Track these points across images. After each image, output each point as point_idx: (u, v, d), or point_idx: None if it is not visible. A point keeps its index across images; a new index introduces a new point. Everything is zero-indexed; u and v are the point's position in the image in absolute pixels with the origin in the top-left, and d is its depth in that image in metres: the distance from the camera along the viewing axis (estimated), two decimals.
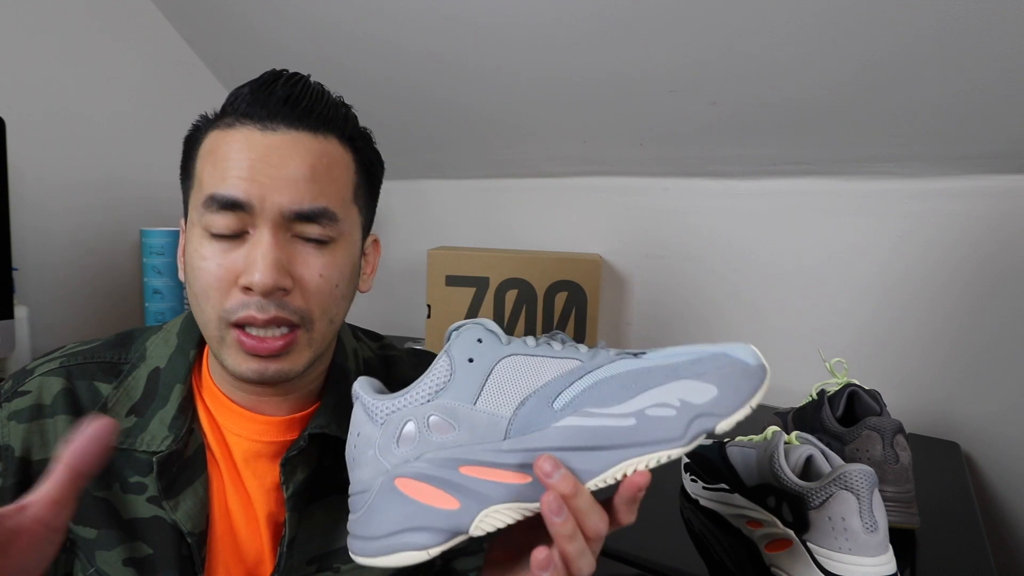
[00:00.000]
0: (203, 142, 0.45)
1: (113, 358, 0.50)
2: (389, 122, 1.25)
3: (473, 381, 0.35)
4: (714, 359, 0.34)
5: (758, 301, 1.06)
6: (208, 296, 0.43)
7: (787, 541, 0.51)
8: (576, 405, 0.34)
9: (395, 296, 1.45)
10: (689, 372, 0.34)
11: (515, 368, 0.36)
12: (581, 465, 0.33)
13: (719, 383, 0.34)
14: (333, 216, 0.44)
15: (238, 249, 0.42)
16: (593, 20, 0.88)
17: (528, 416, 0.34)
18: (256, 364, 0.43)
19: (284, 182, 0.42)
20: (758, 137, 0.97)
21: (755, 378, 0.34)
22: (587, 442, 0.33)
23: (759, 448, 0.57)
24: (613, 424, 0.33)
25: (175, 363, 0.49)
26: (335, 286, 0.45)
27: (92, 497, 0.45)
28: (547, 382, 0.35)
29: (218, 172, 0.42)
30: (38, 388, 0.47)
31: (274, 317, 0.42)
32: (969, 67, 0.75)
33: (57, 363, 0.48)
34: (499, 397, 0.35)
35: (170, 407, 0.47)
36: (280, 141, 0.43)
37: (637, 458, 0.33)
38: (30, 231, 1.06)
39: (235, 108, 0.44)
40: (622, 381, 0.34)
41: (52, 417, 0.46)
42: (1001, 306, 0.88)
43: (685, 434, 0.33)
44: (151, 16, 1.22)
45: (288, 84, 0.44)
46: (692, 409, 0.33)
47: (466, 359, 0.36)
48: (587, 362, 0.36)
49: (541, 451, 0.33)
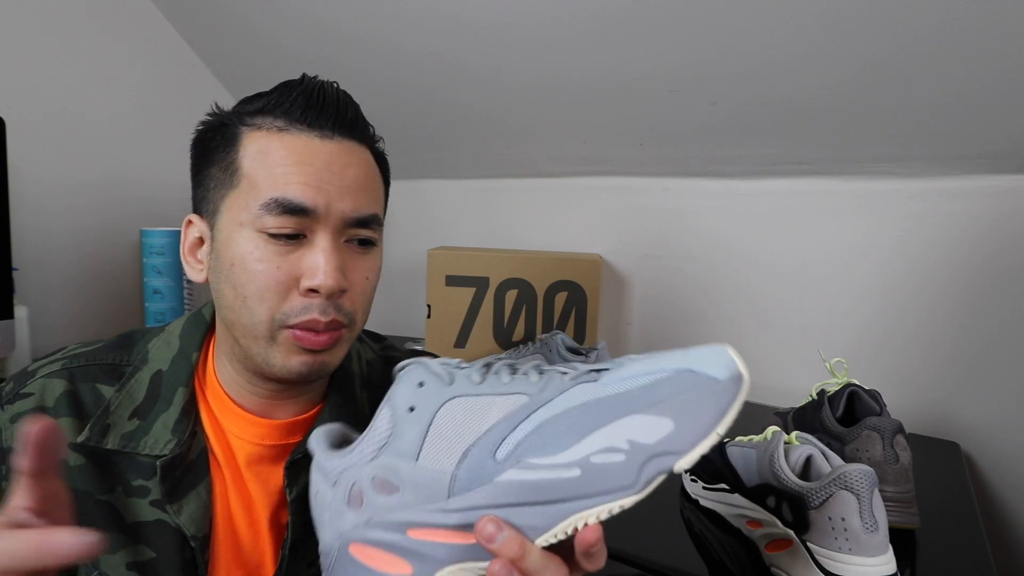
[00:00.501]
0: (244, 141, 0.44)
1: (115, 360, 0.50)
2: (389, 122, 1.24)
3: (414, 433, 0.33)
4: (676, 380, 0.31)
5: (758, 301, 1.06)
6: (263, 298, 0.43)
7: (787, 541, 0.51)
8: (518, 455, 0.31)
9: (395, 296, 1.45)
10: (642, 403, 0.31)
11: (458, 413, 0.33)
12: (527, 521, 0.31)
13: (675, 414, 0.30)
14: (380, 221, 0.47)
15: (296, 251, 0.43)
16: (593, 20, 0.88)
17: (471, 470, 0.32)
18: (306, 357, 0.44)
19: (346, 190, 0.44)
20: (758, 137, 0.97)
21: (723, 397, 0.30)
22: (531, 497, 0.31)
23: (759, 448, 0.57)
24: (556, 476, 0.30)
25: (178, 366, 0.49)
26: (373, 287, 0.48)
27: (95, 501, 0.45)
28: (491, 427, 0.32)
29: (279, 175, 0.42)
30: (40, 390, 0.47)
31: (333, 320, 0.43)
32: (969, 67, 0.75)
33: (59, 365, 0.48)
34: (441, 449, 0.32)
35: (173, 410, 0.47)
36: (338, 150, 0.45)
37: (586, 511, 0.30)
38: (30, 231, 1.06)
39: (286, 112, 0.44)
40: (567, 421, 0.31)
41: (55, 419, 0.46)
42: (1001, 306, 0.88)
43: (638, 480, 0.30)
44: (151, 16, 1.22)
45: (333, 93, 0.46)
46: (644, 451, 0.30)
47: (407, 408, 0.34)
48: (535, 396, 0.33)
49: (485, 509, 0.31)
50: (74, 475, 0.45)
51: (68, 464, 0.45)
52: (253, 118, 0.45)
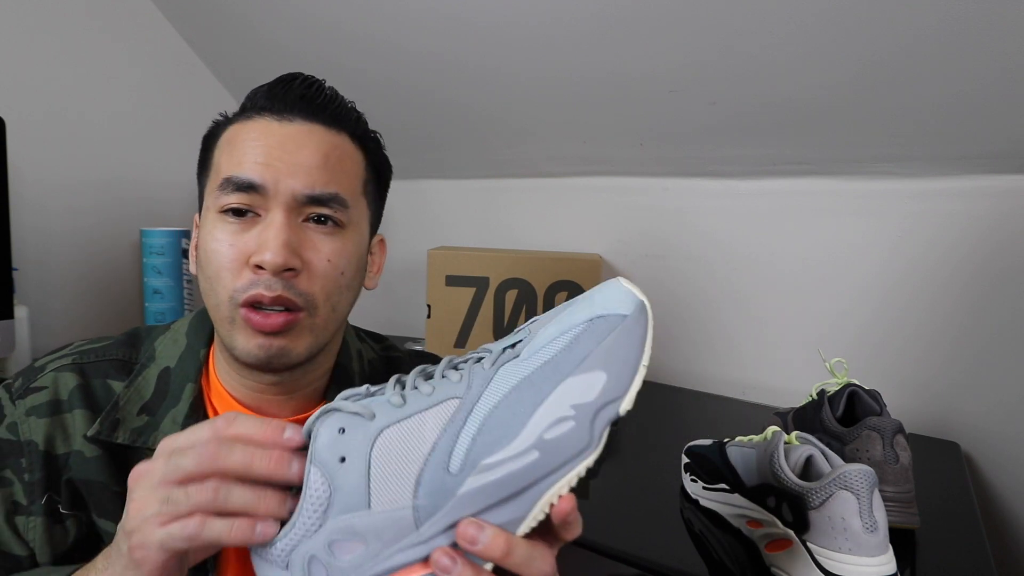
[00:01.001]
0: (221, 136, 0.47)
1: (124, 356, 0.50)
2: (389, 122, 1.24)
3: (355, 482, 0.30)
4: (591, 331, 0.32)
5: (758, 301, 1.06)
6: (220, 277, 0.44)
7: (787, 541, 0.51)
8: (472, 461, 0.30)
9: (395, 296, 1.45)
10: (571, 365, 0.31)
11: (394, 445, 0.31)
12: (504, 518, 0.30)
13: (604, 364, 0.31)
14: (343, 202, 0.46)
15: (250, 231, 0.44)
16: (593, 20, 0.88)
17: (430, 495, 0.30)
18: (262, 339, 0.44)
19: (298, 167, 0.44)
20: (758, 137, 0.97)
21: (637, 331, 0.31)
22: (500, 495, 0.30)
23: (759, 448, 0.57)
24: (517, 466, 0.30)
25: (186, 362, 0.49)
26: (341, 273, 0.46)
27: (112, 492, 0.46)
28: (433, 444, 0.31)
29: (235, 158, 0.44)
30: (53, 383, 0.47)
31: (279, 296, 0.43)
32: (969, 67, 0.75)
33: (69, 360, 0.49)
34: (391, 487, 0.30)
35: (182, 406, 0.47)
36: (296, 131, 0.45)
37: (556, 485, 0.30)
38: (30, 231, 1.06)
39: (253, 103, 0.46)
40: (508, 410, 0.31)
41: (70, 412, 0.47)
42: (1001, 306, 0.88)
43: (592, 437, 0.31)
44: (151, 16, 1.22)
45: (305, 83, 0.47)
46: (589, 408, 0.31)
47: (337, 460, 0.31)
48: (465, 396, 0.32)
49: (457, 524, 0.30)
50: (91, 466, 0.46)
51: (84, 455, 0.46)
52: (235, 116, 0.48)
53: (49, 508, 0.45)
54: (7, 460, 0.45)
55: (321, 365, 0.51)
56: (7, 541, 0.44)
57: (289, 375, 0.47)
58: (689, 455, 0.68)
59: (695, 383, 1.12)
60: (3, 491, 0.45)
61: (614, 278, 0.34)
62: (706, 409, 1.00)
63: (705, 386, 1.11)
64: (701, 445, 0.67)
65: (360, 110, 0.52)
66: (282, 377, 0.47)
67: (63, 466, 0.46)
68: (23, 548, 0.44)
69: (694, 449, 0.68)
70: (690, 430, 0.88)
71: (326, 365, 0.52)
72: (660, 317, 1.16)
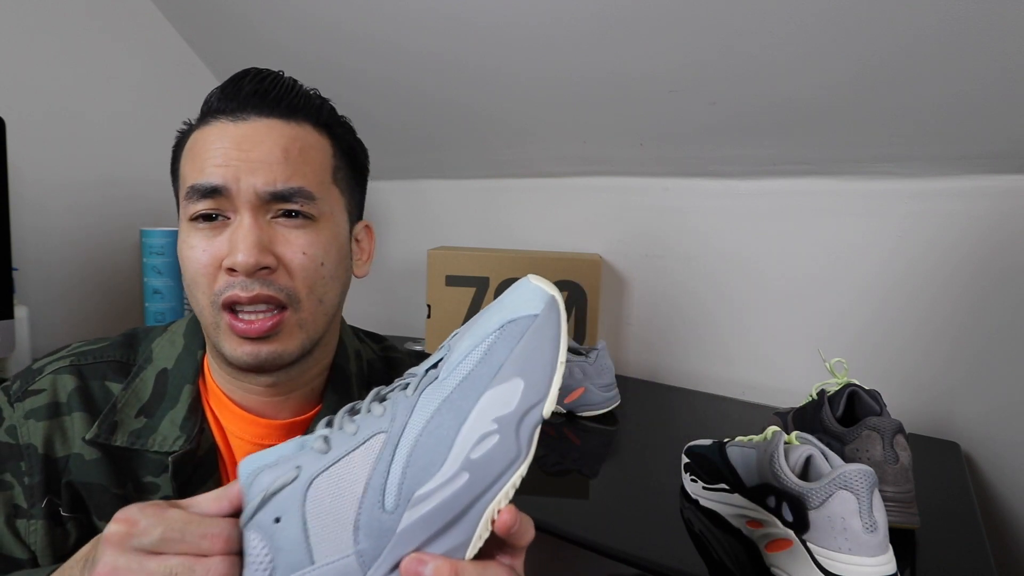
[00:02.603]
0: (184, 146, 0.48)
1: (122, 358, 0.50)
2: (389, 122, 1.25)
3: (294, 540, 0.30)
4: (503, 339, 0.31)
5: (758, 301, 1.06)
6: (198, 283, 0.44)
7: (787, 541, 0.51)
8: (406, 494, 0.30)
9: (395, 296, 1.45)
10: (486, 378, 0.31)
11: (325, 494, 0.30)
12: (449, 545, 0.30)
13: (519, 371, 0.31)
14: (309, 195, 0.45)
15: (222, 234, 0.44)
16: (593, 20, 0.88)
17: (371, 537, 0.30)
18: (250, 347, 0.43)
19: (257, 164, 0.44)
20: (758, 137, 0.97)
21: (549, 328, 0.31)
22: (440, 523, 0.30)
23: (759, 448, 0.57)
24: (450, 492, 0.30)
25: (183, 364, 0.49)
26: (320, 264, 0.46)
27: (112, 494, 0.46)
28: (365, 485, 0.30)
29: (196, 165, 0.45)
30: (51, 386, 0.47)
31: (257, 295, 0.43)
32: (969, 67, 0.75)
33: (67, 361, 0.49)
34: (332, 537, 0.30)
35: (180, 407, 0.47)
36: (251, 128, 0.45)
37: (493, 502, 0.30)
38: (30, 231, 1.06)
39: (209, 107, 0.46)
40: (432, 436, 0.30)
41: (69, 415, 0.47)
42: (1001, 306, 0.88)
43: (519, 446, 0.30)
44: (151, 16, 1.23)
45: (256, 79, 0.46)
46: (511, 419, 0.30)
47: (272, 520, 0.30)
48: (390, 429, 0.31)
49: (402, 559, 0.30)
50: (91, 469, 0.45)
51: (84, 458, 0.46)
52: (196, 123, 0.48)
53: (50, 511, 0.45)
54: (7, 464, 0.45)
55: (317, 363, 0.50)
56: (8, 545, 0.44)
57: (284, 375, 0.47)
58: (689, 455, 0.68)
59: (695, 383, 1.12)
60: (3, 495, 0.45)
61: (525, 276, 0.33)
62: (706, 409, 1.00)
63: (705, 386, 1.11)
64: (701, 445, 0.67)
65: (358, 109, 0.51)
66: (277, 377, 0.47)
67: (63, 469, 0.46)
68: (24, 551, 0.44)
69: (694, 449, 0.68)
70: (690, 430, 0.88)
71: (323, 363, 0.51)
72: (660, 317, 1.16)
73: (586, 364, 0.92)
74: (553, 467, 0.76)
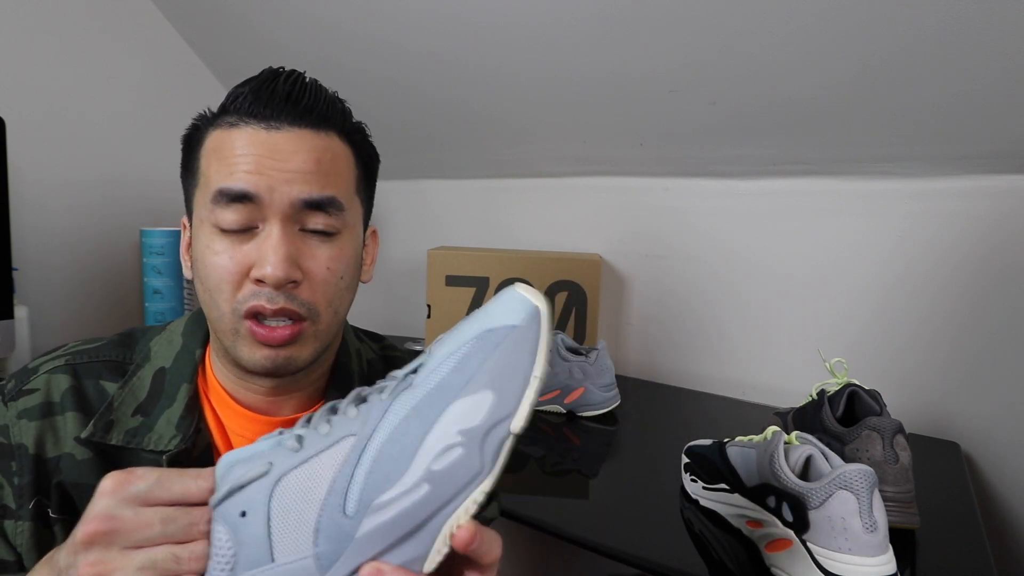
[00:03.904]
0: (205, 141, 0.46)
1: (118, 357, 0.50)
2: (389, 122, 1.25)
3: (257, 536, 0.30)
4: (479, 348, 0.30)
5: (758, 301, 1.06)
6: (221, 290, 0.44)
7: (787, 541, 0.51)
8: (365, 501, 0.29)
9: (395, 296, 1.45)
10: (456, 388, 0.30)
11: (290, 492, 0.30)
12: (406, 556, 0.29)
13: (490, 383, 0.29)
14: (340, 206, 0.45)
15: (249, 243, 0.44)
16: (593, 20, 0.88)
17: (329, 540, 0.30)
18: (268, 352, 0.44)
19: (292, 175, 0.43)
20: (758, 137, 0.97)
21: (527, 340, 0.30)
22: (398, 534, 0.29)
23: (759, 448, 0.57)
24: (409, 502, 0.29)
25: (181, 363, 0.49)
26: (340, 278, 0.46)
27: None
28: (328, 487, 0.30)
29: (225, 168, 0.44)
30: (45, 385, 0.47)
31: (282, 308, 0.43)
32: (969, 67, 0.75)
33: (62, 361, 0.49)
34: (292, 537, 0.30)
35: (177, 406, 0.47)
36: (285, 138, 0.44)
37: (452, 517, 0.29)
38: (30, 231, 1.06)
39: (237, 107, 0.45)
40: (397, 443, 0.30)
41: (62, 414, 0.46)
42: (1001, 306, 0.88)
43: (484, 462, 0.29)
44: (151, 16, 1.23)
45: (288, 82, 0.45)
46: (476, 433, 0.29)
47: (238, 514, 0.30)
48: (360, 432, 0.31)
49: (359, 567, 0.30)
50: (82, 469, 0.45)
51: (75, 458, 0.45)
52: (216, 118, 0.46)
53: (38, 512, 0.45)
54: None
55: (322, 365, 0.51)
56: None
57: (292, 378, 0.48)
58: (689, 455, 0.68)
59: (695, 383, 1.12)
60: None
61: (511, 284, 0.32)
62: (706, 409, 1.00)
63: (705, 386, 1.11)
64: (701, 445, 0.67)
65: (358, 109, 0.51)
66: (284, 380, 0.47)
67: (53, 469, 0.45)
68: (10, 553, 0.44)
69: (694, 449, 0.68)
70: (690, 430, 0.88)
71: (327, 364, 0.52)
72: (660, 317, 1.16)
73: (586, 364, 0.92)
74: (553, 467, 0.76)
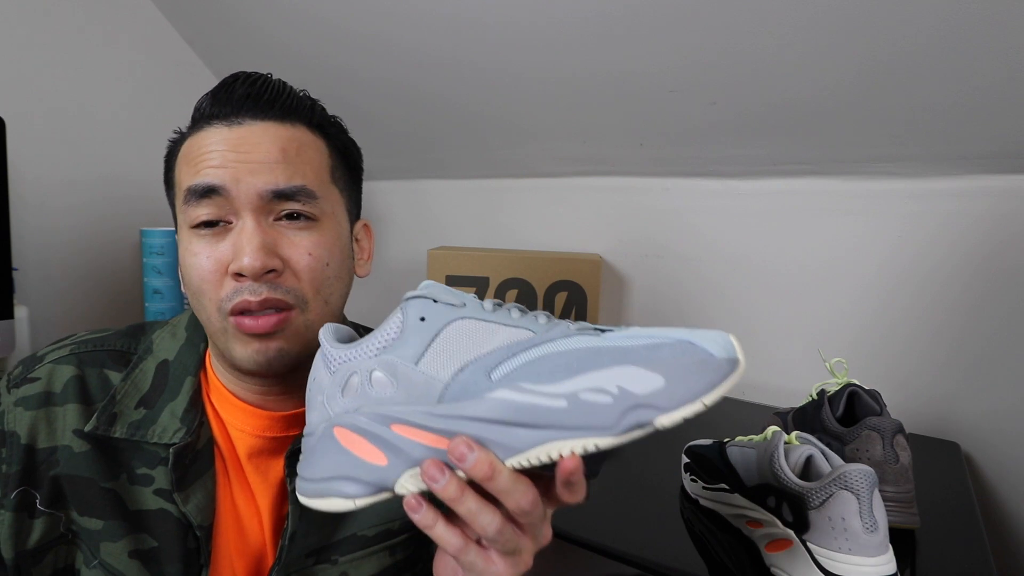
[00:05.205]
0: (178, 153, 0.47)
1: (123, 347, 0.50)
2: (389, 122, 1.25)
3: (420, 340, 0.35)
4: (675, 346, 0.32)
5: (758, 301, 1.06)
6: (203, 291, 0.44)
7: (787, 541, 0.51)
8: (512, 379, 0.33)
9: (395, 296, 1.45)
10: (640, 357, 0.32)
11: (464, 332, 0.35)
12: (505, 440, 0.32)
13: (668, 373, 0.31)
14: (311, 193, 0.45)
15: (224, 239, 0.44)
16: (593, 20, 0.88)
17: (465, 383, 0.33)
18: (258, 344, 0.43)
19: (256, 165, 0.43)
20: (758, 137, 0.97)
21: (715, 372, 0.31)
22: (515, 417, 0.32)
23: (759, 448, 0.57)
24: (544, 403, 0.32)
25: (185, 356, 0.49)
26: (325, 264, 0.46)
27: (99, 488, 0.45)
28: (491, 350, 0.34)
29: (192, 168, 0.44)
30: (48, 375, 0.47)
31: (266, 298, 0.43)
32: (969, 67, 0.75)
33: (67, 350, 0.49)
34: (441, 360, 0.34)
35: (181, 399, 0.47)
36: (247, 131, 0.44)
37: (561, 442, 0.31)
38: (30, 231, 1.06)
39: (201, 113, 0.46)
40: (566, 359, 0.33)
41: (62, 405, 0.46)
42: (1001, 306, 0.88)
43: (617, 424, 0.31)
44: (150, 16, 1.22)
45: (247, 82, 0.46)
46: (630, 398, 0.31)
47: (418, 318, 0.36)
48: (540, 334, 0.34)
49: (469, 419, 0.33)
50: (79, 461, 0.45)
51: (73, 450, 0.45)
52: (187, 131, 0.47)
53: (23, 502, 0.45)
54: None
55: None
56: None
57: (292, 377, 0.47)
58: (689, 455, 0.68)
59: None
60: None
61: (727, 332, 0.33)
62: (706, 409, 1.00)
63: None
64: (701, 445, 0.67)
65: (358, 109, 0.51)
66: (284, 381, 0.47)
67: (46, 461, 0.45)
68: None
69: (694, 449, 0.68)
70: (690, 430, 0.88)
71: None
72: (660, 317, 1.16)
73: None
74: None
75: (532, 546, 0.36)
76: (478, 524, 0.33)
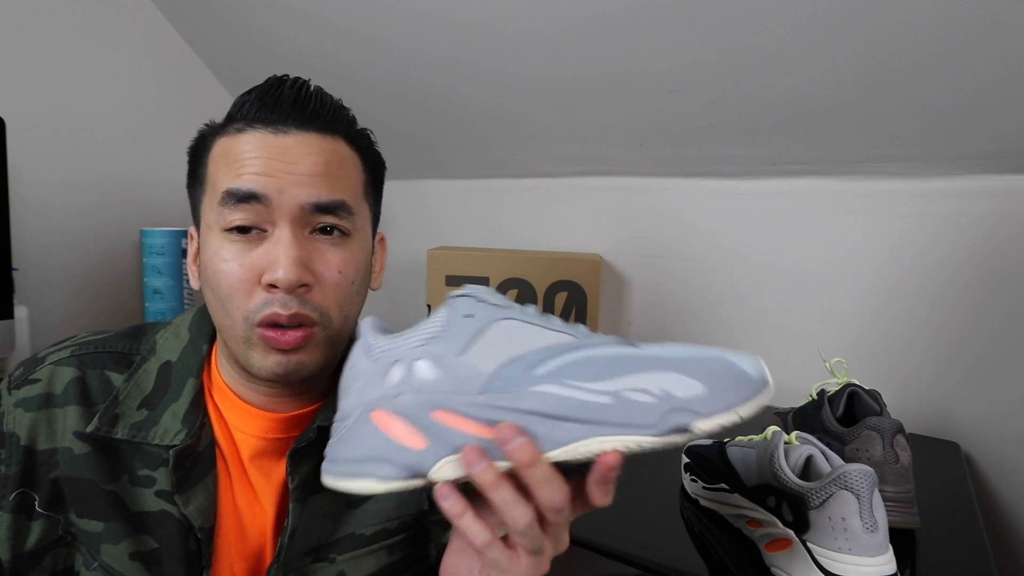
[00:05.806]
0: (212, 149, 0.46)
1: (125, 348, 0.50)
2: (389, 122, 1.24)
3: (465, 335, 0.36)
4: (713, 360, 0.33)
5: (758, 301, 1.06)
6: (232, 298, 0.43)
7: (787, 541, 0.51)
8: (557, 375, 0.34)
9: (395, 296, 1.45)
10: (680, 366, 0.33)
11: (510, 331, 0.36)
12: (547, 433, 0.33)
13: (708, 382, 0.32)
14: (350, 209, 0.45)
15: (258, 248, 0.43)
16: (593, 20, 0.88)
17: (509, 376, 0.34)
18: (279, 356, 0.43)
19: (301, 178, 0.43)
20: (758, 137, 0.97)
21: (750, 388, 0.33)
22: (558, 411, 0.33)
23: (759, 448, 0.57)
24: (588, 399, 0.33)
25: (187, 357, 0.49)
26: (351, 282, 0.46)
27: (100, 490, 0.45)
28: (536, 349, 0.35)
29: (232, 170, 0.43)
30: (48, 376, 0.47)
31: (296, 313, 0.42)
32: (969, 67, 0.75)
33: (68, 352, 0.49)
34: (487, 353, 0.35)
35: (183, 401, 0.47)
36: (293, 142, 0.44)
37: (603, 437, 0.32)
38: (30, 231, 1.06)
39: (244, 114, 0.45)
40: (608, 362, 0.34)
41: (62, 407, 0.46)
42: (1001, 306, 0.88)
43: (659, 423, 0.32)
44: (151, 16, 1.22)
45: (294, 88, 0.45)
46: (672, 401, 0.32)
47: (463, 315, 0.37)
48: (582, 340, 0.35)
49: (512, 410, 0.33)
50: (80, 463, 0.45)
51: (73, 452, 0.45)
52: (223, 126, 0.46)
53: (21, 504, 0.44)
54: None
55: (330, 367, 0.50)
56: None
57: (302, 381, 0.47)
58: (689, 455, 0.68)
59: None
60: None
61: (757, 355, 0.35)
62: None
63: None
64: (701, 445, 0.67)
65: (358, 109, 0.51)
66: (296, 387, 0.48)
67: (46, 463, 0.45)
68: None
69: (694, 449, 0.68)
70: None
71: (335, 365, 0.52)
72: (660, 317, 1.16)
73: None
74: None
75: (552, 549, 0.36)
76: (510, 516, 0.33)
